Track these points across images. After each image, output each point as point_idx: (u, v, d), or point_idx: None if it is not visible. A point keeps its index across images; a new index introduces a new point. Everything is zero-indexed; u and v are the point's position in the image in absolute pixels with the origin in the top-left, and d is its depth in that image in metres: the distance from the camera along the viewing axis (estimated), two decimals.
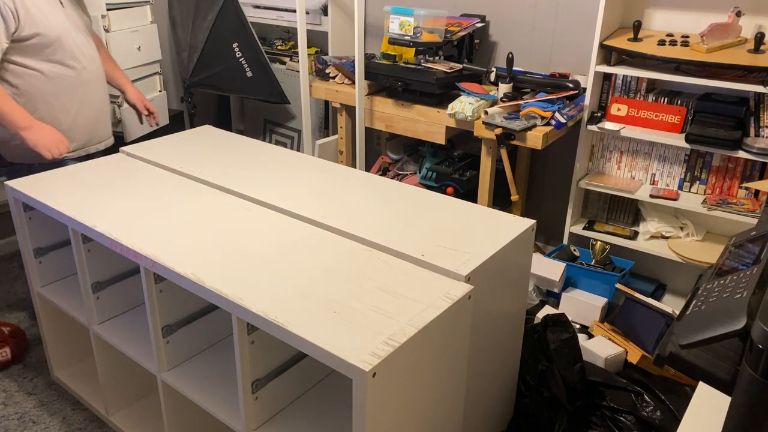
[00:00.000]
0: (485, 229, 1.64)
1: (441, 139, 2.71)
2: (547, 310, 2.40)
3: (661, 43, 2.37)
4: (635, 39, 2.41)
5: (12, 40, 2.04)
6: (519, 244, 1.64)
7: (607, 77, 2.60)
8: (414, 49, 2.78)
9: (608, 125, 2.54)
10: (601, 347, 2.17)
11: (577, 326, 2.40)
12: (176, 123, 3.34)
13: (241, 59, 3.21)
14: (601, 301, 2.41)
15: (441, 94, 2.68)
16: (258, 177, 2.01)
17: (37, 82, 2.13)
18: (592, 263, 2.57)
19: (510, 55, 2.55)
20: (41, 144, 2.08)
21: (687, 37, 2.39)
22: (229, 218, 1.73)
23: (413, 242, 1.57)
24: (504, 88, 2.58)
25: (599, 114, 2.60)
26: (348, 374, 1.16)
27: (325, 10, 3.17)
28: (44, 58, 2.12)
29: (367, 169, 3.27)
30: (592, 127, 2.55)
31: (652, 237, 2.62)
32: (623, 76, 2.57)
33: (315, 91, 3.02)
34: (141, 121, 2.56)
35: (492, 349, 1.66)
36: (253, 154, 2.23)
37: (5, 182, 1.98)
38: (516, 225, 1.67)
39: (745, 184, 2.46)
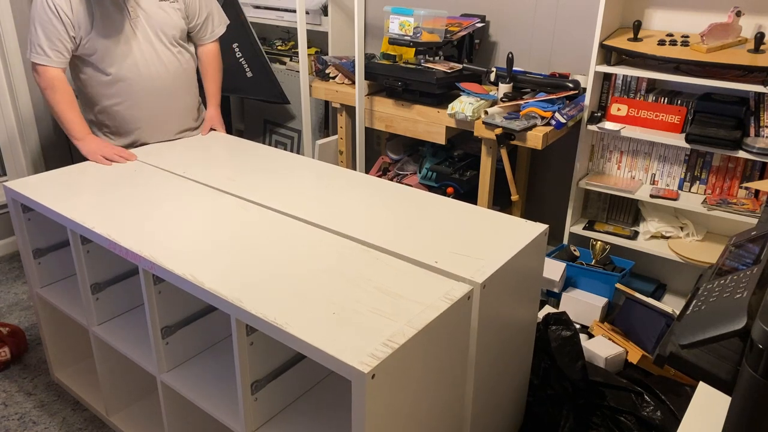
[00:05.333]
0: (498, 235, 1.63)
1: (441, 139, 2.71)
2: (548, 310, 2.40)
3: (661, 43, 2.37)
4: (635, 39, 2.41)
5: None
6: (532, 250, 1.63)
7: (607, 77, 2.60)
8: (414, 49, 2.77)
9: (608, 125, 2.53)
10: (602, 347, 2.17)
11: (578, 326, 2.40)
12: None
13: (241, 59, 3.21)
14: (601, 301, 2.41)
15: (441, 94, 2.67)
16: (258, 179, 2.01)
17: (88, 83, 2.29)
18: (592, 263, 2.57)
19: (510, 55, 2.55)
20: (90, 155, 2.20)
21: (687, 37, 2.38)
22: (228, 220, 1.73)
23: (425, 248, 1.55)
24: (504, 88, 2.57)
25: (599, 114, 2.60)
26: (347, 376, 1.15)
27: (325, 10, 3.17)
28: (90, 64, 2.24)
29: (368, 169, 3.27)
30: (592, 127, 2.55)
31: (652, 237, 2.61)
32: (623, 76, 2.57)
33: (315, 91, 3.02)
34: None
35: (504, 357, 1.65)
36: (254, 156, 2.23)
37: (4, 183, 1.98)
38: (529, 230, 1.66)
39: (745, 184, 2.45)
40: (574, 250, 2.66)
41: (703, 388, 1.18)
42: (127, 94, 2.30)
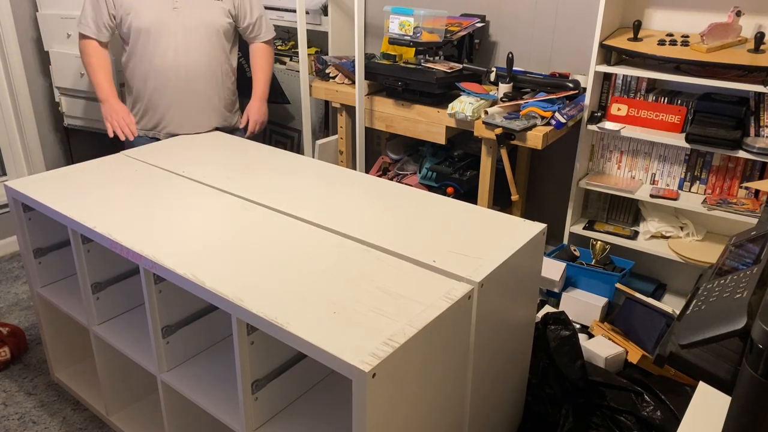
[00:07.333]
0: (496, 234, 1.63)
1: (441, 139, 2.71)
2: (548, 309, 2.40)
3: (661, 42, 2.37)
4: (635, 39, 2.41)
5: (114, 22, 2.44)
6: (530, 249, 1.63)
7: (607, 77, 2.60)
8: (414, 49, 2.77)
9: (608, 125, 2.54)
10: (602, 347, 2.17)
11: (578, 326, 2.40)
12: None
13: (241, 59, 3.21)
14: (601, 301, 2.41)
15: (441, 94, 2.67)
16: (258, 179, 2.01)
17: (127, 64, 2.51)
18: (593, 263, 2.57)
19: (510, 55, 2.55)
20: (107, 118, 2.46)
21: (687, 36, 2.39)
22: (229, 219, 1.73)
23: (425, 248, 1.56)
24: (504, 88, 2.58)
25: (599, 114, 2.60)
26: (348, 375, 1.15)
27: (325, 10, 3.17)
28: (130, 43, 2.44)
29: (368, 169, 3.27)
30: (592, 127, 2.55)
31: (653, 237, 2.62)
32: (623, 75, 2.57)
33: (315, 91, 3.02)
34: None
35: (502, 356, 1.65)
36: (254, 156, 2.23)
37: (4, 183, 1.98)
38: (527, 229, 1.66)
39: (745, 184, 2.45)
40: (574, 250, 2.66)
41: (703, 388, 1.18)
42: (155, 78, 2.45)
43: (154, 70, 2.44)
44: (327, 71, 3.02)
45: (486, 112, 2.50)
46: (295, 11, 2.98)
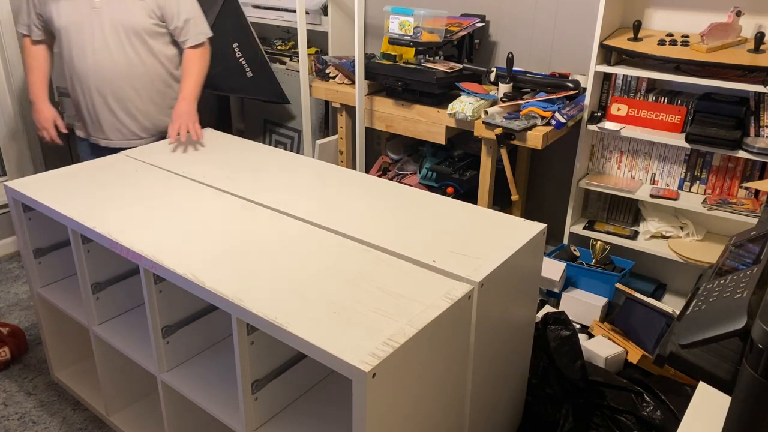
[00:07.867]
0: (496, 234, 1.63)
1: (441, 139, 2.71)
2: (548, 309, 2.40)
3: (661, 42, 2.37)
4: (635, 39, 2.41)
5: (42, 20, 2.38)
6: (530, 249, 1.63)
7: (607, 77, 2.60)
8: (414, 49, 2.77)
9: (608, 125, 2.54)
10: (602, 347, 2.17)
11: (578, 326, 2.40)
12: None
13: (241, 59, 3.21)
14: (601, 301, 2.41)
15: (441, 94, 2.68)
16: (259, 179, 2.01)
17: (60, 61, 2.43)
18: (593, 263, 2.57)
19: (510, 55, 2.55)
20: (35, 120, 2.41)
21: (687, 36, 2.39)
22: (229, 219, 1.73)
23: (425, 248, 1.56)
24: (504, 88, 2.58)
25: (599, 114, 2.60)
26: (347, 375, 1.15)
27: (325, 10, 3.17)
28: (57, 43, 2.39)
29: (368, 169, 3.27)
30: (592, 127, 2.55)
31: (653, 237, 2.62)
32: (623, 75, 2.57)
33: (315, 91, 3.02)
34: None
35: (502, 356, 1.65)
36: (254, 156, 2.23)
37: (5, 183, 1.98)
38: (527, 229, 1.66)
39: (745, 184, 2.45)
40: (574, 250, 2.66)
41: (703, 388, 1.18)
42: (76, 81, 2.37)
43: (76, 72, 2.33)
44: (327, 71, 3.02)
45: (486, 112, 2.50)
46: (295, 11, 2.98)
